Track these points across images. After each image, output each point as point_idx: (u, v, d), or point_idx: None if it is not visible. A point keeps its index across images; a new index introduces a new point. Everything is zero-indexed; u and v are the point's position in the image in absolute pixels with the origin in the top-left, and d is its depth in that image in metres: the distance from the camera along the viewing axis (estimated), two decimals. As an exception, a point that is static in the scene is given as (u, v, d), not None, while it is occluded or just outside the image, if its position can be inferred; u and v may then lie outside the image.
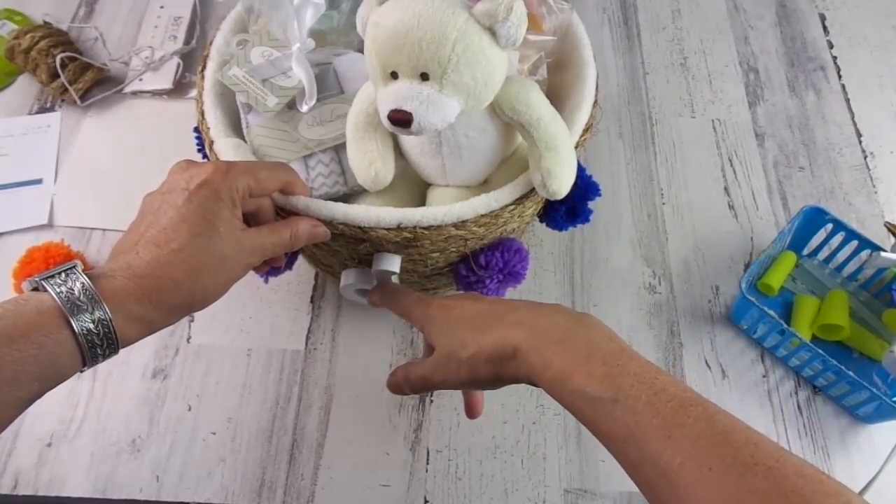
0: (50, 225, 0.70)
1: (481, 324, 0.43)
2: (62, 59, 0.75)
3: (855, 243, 0.66)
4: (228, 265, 0.41)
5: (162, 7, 0.85)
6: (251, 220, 0.46)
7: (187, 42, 0.82)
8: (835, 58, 0.87)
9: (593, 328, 0.41)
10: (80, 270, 0.37)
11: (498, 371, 0.42)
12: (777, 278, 0.67)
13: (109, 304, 0.36)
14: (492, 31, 0.42)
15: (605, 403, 0.36)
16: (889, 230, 0.66)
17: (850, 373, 0.57)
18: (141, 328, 0.38)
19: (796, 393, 0.64)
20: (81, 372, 0.37)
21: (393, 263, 0.51)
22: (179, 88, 0.80)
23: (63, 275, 0.36)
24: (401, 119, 0.43)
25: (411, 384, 0.47)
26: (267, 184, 0.44)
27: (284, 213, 0.48)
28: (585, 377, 0.37)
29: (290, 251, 0.47)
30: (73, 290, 0.35)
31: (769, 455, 0.32)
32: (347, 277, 0.54)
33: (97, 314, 0.35)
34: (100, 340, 0.36)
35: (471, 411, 0.51)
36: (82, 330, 0.35)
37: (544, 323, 0.41)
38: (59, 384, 0.36)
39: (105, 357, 0.37)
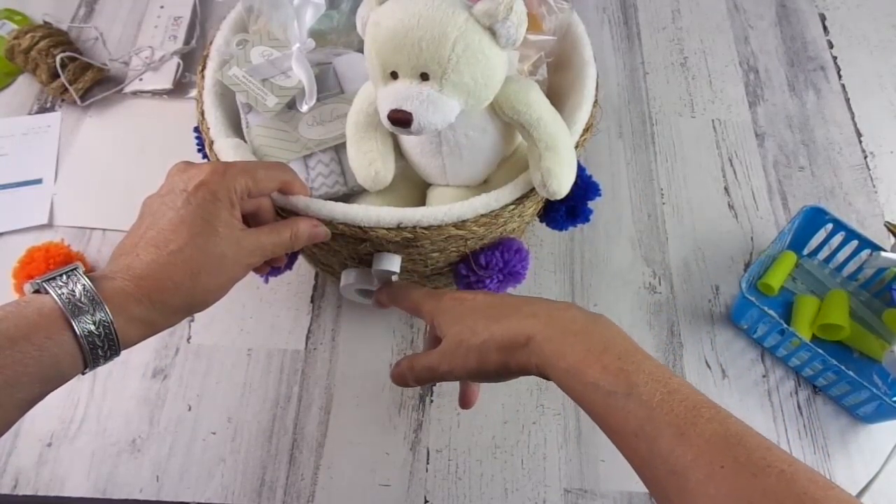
0: (50, 225, 0.70)
1: (495, 313, 0.43)
2: (62, 59, 0.75)
3: (855, 243, 0.66)
4: (228, 265, 0.41)
5: (162, 7, 0.85)
6: (251, 220, 0.46)
7: (187, 42, 0.82)
8: (835, 58, 0.87)
9: (609, 327, 0.41)
10: (81, 272, 0.37)
11: (507, 360, 0.42)
12: (777, 278, 0.67)
13: (110, 306, 0.36)
14: (492, 31, 0.42)
15: (618, 397, 0.36)
16: (889, 230, 0.66)
17: (850, 373, 0.57)
18: (142, 329, 0.38)
19: (796, 393, 0.64)
20: (83, 374, 0.37)
21: (393, 263, 0.51)
22: (179, 88, 0.80)
23: (64, 277, 0.36)
24: (401, 119, 0.43)
25: (416, 374, 0.46)
26: (265, 183, 0.44)
27: (285, 213, 0.48)
28: (601, 370, 0.37)
29: (290, 251, 0.47)
30: (73, 291, 0.36)
31: (781, 460, 0.32)
32: (347, 277, 0.54)
33: (98, 316, 0.36)
34: (101, 342, 0.36)
35: (465, 401, 0.50)
36: (83, 331, 0.35)
37: (561, 316, 0.42)
38: (60, 386, 0.36)
39: (106, 359, 0.37)
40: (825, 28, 0.90)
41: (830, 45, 0.88)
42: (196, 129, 0.56)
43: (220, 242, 0.40)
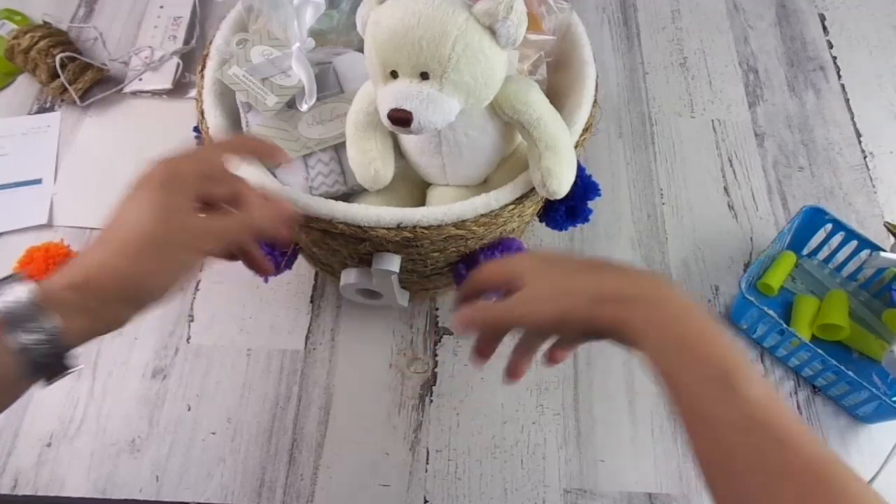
0: (50, 225, 0.70)
1: (593, 267, 0.42)
2: (62, 59, 0.75)
3: (854, 243, 0.66)
4: (174, 250, 0.40)
5: (162, 7, 0.85)
6: (235, 206, 0.43)
7: (187, 42, 0.82)
8: (834, 58, 0.87)
9: (709, 318, 0.39)
10: (18, 278, 0.36)
11: (596, 312, 0.39)
12: (777, 278, 0.67)
13: (46, 304, 0.35)
14: (492, 31, 0.42)
15: (715, 385, 0.35)
16: (889, 230, 0.66)
17: (850, 373, 0.57)
18: (83, 321, 0.37)
19: (796, 393, 0.64)
20: (43, 385, 0.36)
21: (393, 263, 0.51)
22: (179, 88, 0.80)
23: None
24: (401, 118, 0.43)
25: (485, 316, 0.43)
26: (214, 160, 0.43)
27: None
28: (703, 354, 0.36)
29: (256, 234, 0.44)
30: (8, 298, 0.34)
31: (875, 495, 0.32)
32: (347, 277, 0.54)
33: (34, 315, 0.34)
34: (41, 344, 0.35)
35: (513, 370, 0.46)
36: (18, 337, 0.34)
37: (665, 290, 0.39)
38: (10, 401, 0.35)
39: (54, 358, 0.36)
40: (825, 28, 0.90)
41: (830, 46, 0.88)
42: (196, 129, 0.56)
43: (161, 226, 0.39)
